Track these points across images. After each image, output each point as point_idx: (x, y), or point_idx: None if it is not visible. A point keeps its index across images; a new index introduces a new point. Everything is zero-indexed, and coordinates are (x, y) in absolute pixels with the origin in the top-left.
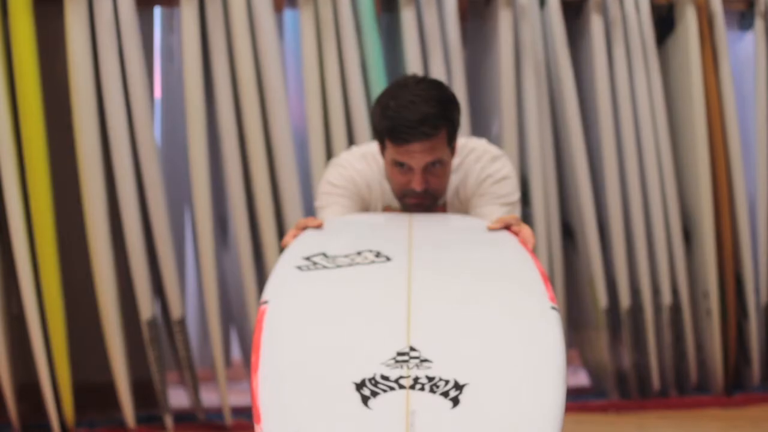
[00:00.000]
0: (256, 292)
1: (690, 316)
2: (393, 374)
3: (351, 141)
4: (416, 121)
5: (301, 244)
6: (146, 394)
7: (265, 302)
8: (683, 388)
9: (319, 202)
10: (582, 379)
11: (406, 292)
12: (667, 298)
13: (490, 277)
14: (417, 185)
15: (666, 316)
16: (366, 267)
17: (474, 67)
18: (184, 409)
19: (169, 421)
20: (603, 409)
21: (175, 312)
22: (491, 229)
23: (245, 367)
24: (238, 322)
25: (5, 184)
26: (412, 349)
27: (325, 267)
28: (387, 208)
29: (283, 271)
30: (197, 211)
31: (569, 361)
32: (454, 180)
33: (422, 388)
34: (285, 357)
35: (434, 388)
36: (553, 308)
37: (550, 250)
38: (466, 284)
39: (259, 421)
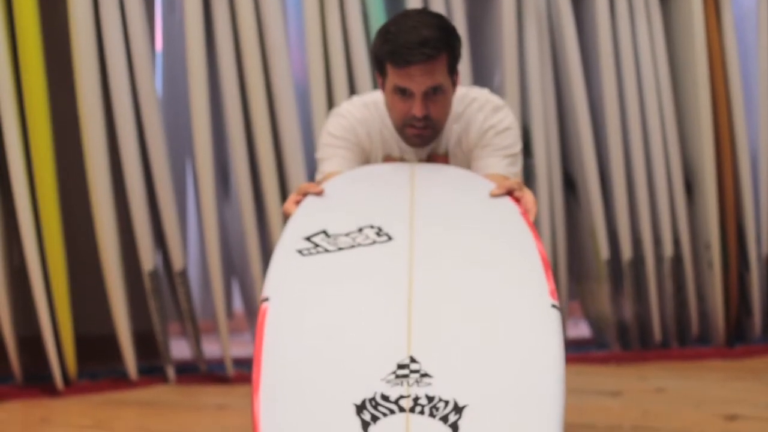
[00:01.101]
0: (257, 244)
1: (691, 267)
2: (393, 393)
3: (352, 91)
4: (417, 42)
5: (302, 218)
6: (148, 345)
7: (266, 299)
8: (684, 340)
9: (320, 153)
10: (583, 330)
11: (407, 289)
12: (668, 249)
13: (491, 271)
14: (417, 111)
15: (667, 267)
16: (367, 249)
17: (476, 17)
18: (186, 360)
19: (170, 372)
20: (604, 361)
21: (177, 263)
22: (494, 195)
23: (247, 319)
24: (240, 273)
25: (6, 137)
26: (413, 360)
27: (326, 250)
28: (387, 158)
29: (284, 256)
30: (198, 162)
31: (571, 313)
32: (456, 129)
33: (422, 411)
34: (286, 376)
35: (434, 411)
36: (554, 306)
37: (551, 202)
38: (467, 280)
39: None
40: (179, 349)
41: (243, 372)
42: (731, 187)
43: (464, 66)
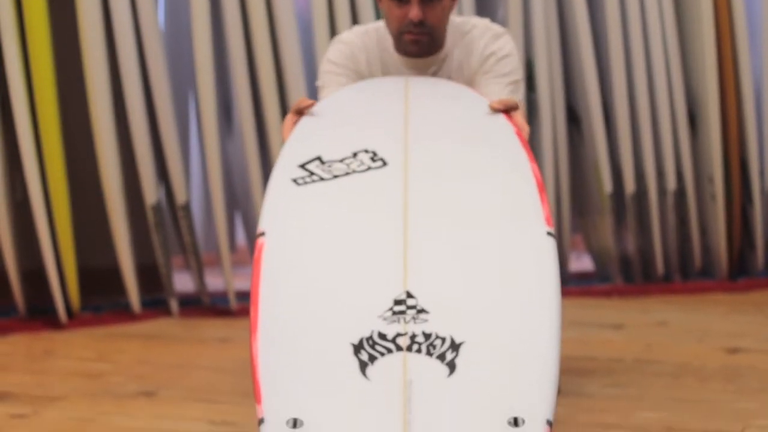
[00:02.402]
0: (260, 177)
1: (694, 200)
2: (390, 331)
3: (355, 21)
4: None
5: (297, 143)
6: (151, 278)
7: (262, 234)
8: (687, 273)
9: (320, 81)
10: (586, 264)
11: (403, 220)
12: (671, 182)
13: (487, 198)
14: (414, 15)
15: (670, 200)
16: (362, 175)
17: None
18: (189, 293)
19: (174, 305)
20: (607, 294)
21: (180, 197)
22: (493, 109)
23: (250, 252)
24: (243, 206)
25: (9, 72)
26: (409, 295)
27: (321, 179)
28: None
29: (279, 186)
30: (201, 96)
31: (574, 247)
32: (457, 56)
33: (419, 350)
34: (283, 316)
35: (431, 349)
36: (549, 233)
37: (555, 136)
38: (462, 208)
39: (259, 401)
40: (182, 282)
41: (246, 305)
42: (735, 120)
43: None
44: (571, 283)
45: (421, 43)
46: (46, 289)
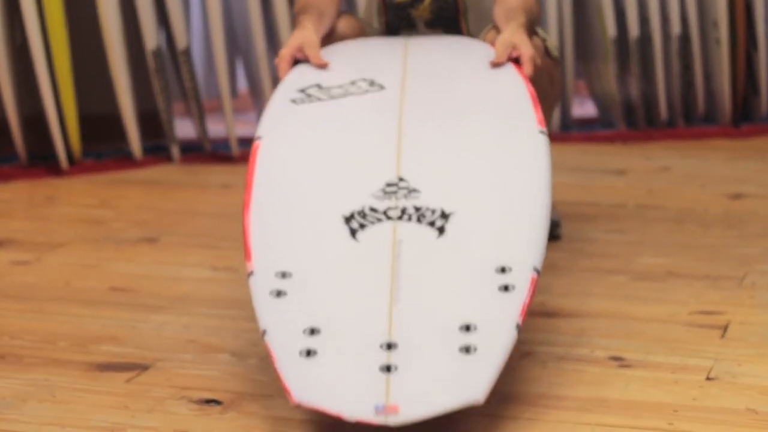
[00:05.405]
0: (261, 22)
1: (699, 45)
2: (381, 206)
3: None
4: None
5: (296, 77)
6: (152, 124)
7: (259, 138)
8: (690, 119)
9: None
10: (589, 109)
11: (397, 123)
12: (676, 27)
13: (479, 103)
14: None
15: (674, 45)
16: (359, 97)
17: None
18: (191, 139)
19: (175, 151)
20: (610, 140)
21: (180, 42)
22: (495, 65)
23: (251, 98)
24: (244, 52)
25: None
26: (401, 179)
27: (319, 99)
28: None
29: (277, 104)
30: None
31: (577, 92)
32: None
33: (409, 219)
34: (276, 194)
35: (421, 218)
36: (541, 132)
37: None
38: (455, 112)
39: (249, 258)
40: (183, 128)
41: (247, 151)
42: None
43: None
44: (574, 129)
45: None
46: (46, 135)
